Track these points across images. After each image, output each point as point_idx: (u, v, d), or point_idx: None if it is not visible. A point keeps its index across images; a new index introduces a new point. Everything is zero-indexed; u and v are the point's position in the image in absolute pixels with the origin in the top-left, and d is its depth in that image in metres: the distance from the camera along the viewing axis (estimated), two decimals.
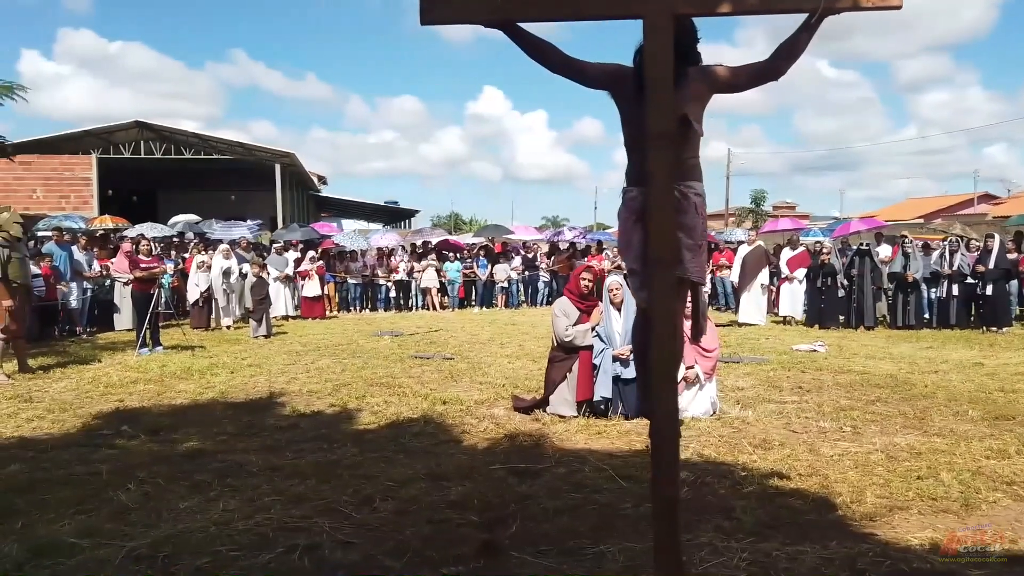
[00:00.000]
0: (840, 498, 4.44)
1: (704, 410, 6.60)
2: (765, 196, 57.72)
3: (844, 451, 5.46)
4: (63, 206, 27.51)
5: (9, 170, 27.64)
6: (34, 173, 27.90)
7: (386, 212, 48.73)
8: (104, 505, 4.37)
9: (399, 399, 7.36)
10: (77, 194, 28.27)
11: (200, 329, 14.22)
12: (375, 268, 18.91)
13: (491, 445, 5.74)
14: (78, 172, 28.27)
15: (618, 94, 3.14)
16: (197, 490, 4.65)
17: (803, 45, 2.97)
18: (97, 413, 6.93)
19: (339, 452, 5.51)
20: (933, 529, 3.95)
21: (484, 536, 3.84)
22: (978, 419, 6.39)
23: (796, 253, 14.70)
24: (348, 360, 10.10)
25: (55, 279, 12.42)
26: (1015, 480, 4.74)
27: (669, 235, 2.95)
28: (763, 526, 4.01)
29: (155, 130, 29.35)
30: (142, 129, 29.19)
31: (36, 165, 27.98)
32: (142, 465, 5.18)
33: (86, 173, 28.27)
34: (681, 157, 3.05)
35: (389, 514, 4.22)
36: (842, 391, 7.68)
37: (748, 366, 9.22)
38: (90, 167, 28.10)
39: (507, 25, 2.99)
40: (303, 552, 3.67)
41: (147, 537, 3.85)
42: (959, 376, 8.48)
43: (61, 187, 28.08)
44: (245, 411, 6.96)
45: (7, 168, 27.64)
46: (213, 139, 30.04)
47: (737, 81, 3.08)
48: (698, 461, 5.25)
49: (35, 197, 27.83)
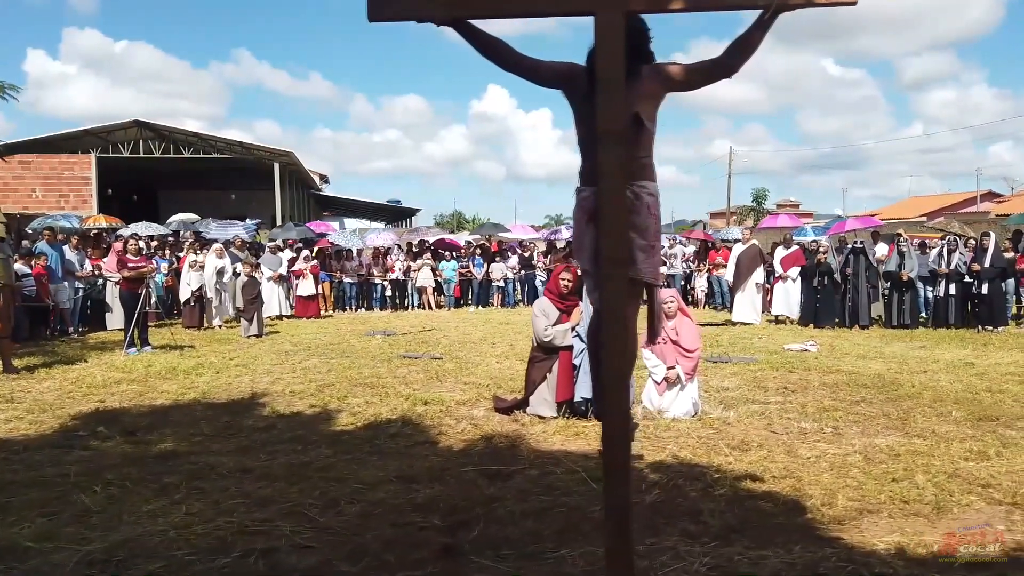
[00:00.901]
0: (811, 501, 4.39)
1: (685, 411, 6.54)
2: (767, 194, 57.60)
3: (822, 453, 5.40)
4: (62, 205, 27.57)
5: (8, 169, 27.77)
6: (33, 172, 27.97)
7: (388, 211, 48.73)
8: (67, 508, 4.34)
9: (380, 400, 7.32)
10: (76, 193, 28.31)
11: (192, 328, 14.22)
12: (371, 267, 18.88)
13: (466, 446, 5.70)
14: (77, 171, 28.32)
15: (571, 93, 3.10)
16: (164, 492, 4.61)
17: (756, 42, 2.92)
18: (76, 414, 6.90)
19: (312, 454, 5.47)
20: (901, 533, 3.90)
21: (444, 540, 3.79)
22: (961, 420, 6.33)
23: (790, 252, 14.62)
24: (336, 360, 10.07)
25: (48, 279, 12.42)
26: (991, 483, 4.68)
27: (621, 235, 2.91)
28: (729, 530, 3.96)
29: (154, 129, 29.38)
30: (141, 128, 29.23)
31: (35, 164, 28.05)
32: (112, 467, 5.15)
33: (85, 172, 28.32)
34: (633, 156, 3.01)
35: (353, 517, 4.17)
36: (828, 391, 7.62)
37: (736, 366, 9.16)
38: (89, 166, 28.15)
39: (458, 23, 2.94)
40: (259, 556, 3.63)
41: (105, 541, 3.81)
42: (948, 376, 8.41)
43: (60, 186, 28.13)
44: (225, 412, 6.93)
45: (6, 167, 27.75)
46: (212, 138, 30.08)
47: (690, 79, 3.03)
48: (672, 463, 5.20)
49: (34, 196, 27.90)
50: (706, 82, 3.06)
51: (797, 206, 69.18)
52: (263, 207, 31.91)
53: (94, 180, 28.00)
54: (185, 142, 29.82)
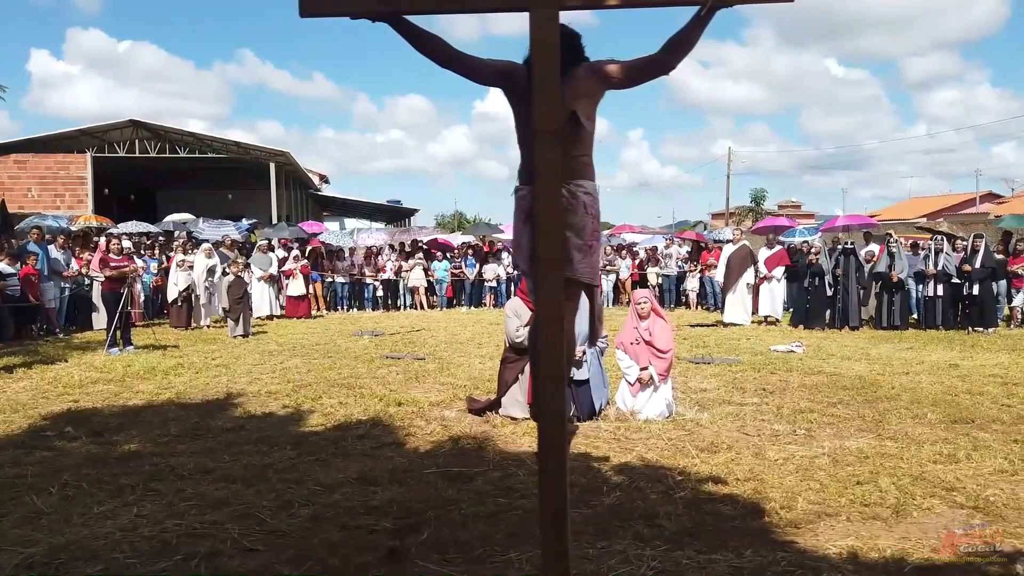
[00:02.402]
0: (771, 504, 4.33)
1: (659, 412, 6.48)
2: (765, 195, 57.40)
3: (790, 455, 5.35)
4: (58, 205, 27.56)
5: (4, 169, 27.85)
6: (29, 172, 27.94)
7: (386, 211, 48.68)
8: (18, 509, 4.30)
9: (355, 400, 7.27)
10: (72, 193, 28.28)
11: (180, 328, 14.19)
12: (362, 267, 18.84)
13: (433, 448, 5.65)
14: (73, 171, 28.29)
15: (510, 92, 3.06)
16: (118, 494, 4.57)
17: (694, 39, 2.88)
18: (48, 414, 6.86)
19: (275, 455, 5.42)
20: (856, 537, 3.84)
21: (391, 543, 3.74)
22: (936, 422, 6.27)
23: (773, 252, 14.56)
24: (318, 360, 10.03)
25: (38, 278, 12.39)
26: (956, 486, 4.62)
27: (556, 234, 2.86)
28: (683, 533, 3.91)
29: (150, 129, 29.36)
30: (137, 128, 29.21)
31: (31, 164, 28.04)
32: (72, 467, 5.11)
33: (81, 172, 28.29)
34: (571, 155, 2.96)
35: (304, 520, 4.12)
36: (806, 393, 7.55)
37: (717, 367, 9.10)
38: (85, 166, 28.11)
39: (393, 18, 2.89)
40: (202, 559, 3.58)
41: (49, 543, 3.76)
42: (929, 378, 8.35)
43: (56, 186, 28.10)
44: (196, 412, 6.88)
45: (2, 167, 27.86)
46: (209, 138, 30.07)
47: (628, 76, 2.99)
48: (637, 465, 5.15)
49: (30, 196, 27.87)
50: (644, 79, 3.02)
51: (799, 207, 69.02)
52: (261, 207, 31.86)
53: (90, 180, 27.97)
54: (181, 142, 29.80)
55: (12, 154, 27.92)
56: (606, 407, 6.64)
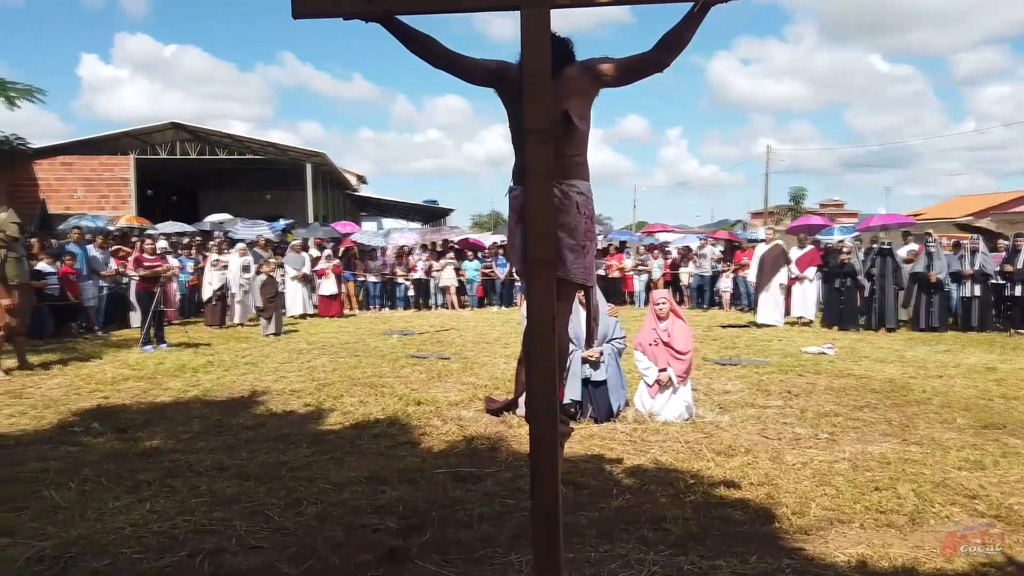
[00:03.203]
0: (783, 509, 4.25)
1: (678, 414, 6.40)
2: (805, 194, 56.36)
3: (809, 459, 5.24)
4: (102, 206, 28.24)
5: (52, 171, 28.65)
6: (75, 173, 28.67)
7: (422, 211, 48.95)
8: (37, 503, 4.41)
9: (375, 399, 7.31)
10: (116, 194, 28.96)
11: (215, 327, 14.43)
12: (394, 267, 18.96)
13: (447, 448, 5.65)
14: (117, 172, 28.96)
15: (503, 92, 3.05)
16: (134, 490, 4.65)
17: (688, 36, 2.84)
18: (78, 410, 7.02)
19: (291, 453, 5.48)
20: (868, 545, 3.74)
21: (392, 543, 3.75)
22: (965, 427, 6.09)
23: (805, 251, 14.29)
24: (344, 359, 10.11)
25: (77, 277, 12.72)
26: (979, 494, 4.48)
27: (548, 235, 2.83)
28: (689, 538, 3.85)
29: (191, 131, 29.91)
30: (178, 130, 29.79)
31: (77, 165, 28.77)
32: (94, 463, 5.22)
33: (124, 173, 28.95)
34: (564, 155, 2.94)
35: (310, 518, 4.16)
36: (832, 396, 7.39)
37: (743, 369, 8.96)
38: (128, 167, 28.77)
39: (385, 19, 2.90)
40: (206, 556, 3.63)
41: (61, 537, 3.85)
42: (964, 381, 8.11)
43: (100, 187, 28.80)
44: (219, 410, 6.98)
45: (50, 169, 28.67)
46: (246, 139, 30.54)
47: (621, 74, 2.96)
48: (650, 467, 5.09)
49: (76, 197, 28.62)
50: (637, 77, 2.98)
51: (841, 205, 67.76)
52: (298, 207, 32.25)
53: (133, 181, 28.61)
54: (220, 143, 30.31)
55: (59, 156, 28.69)
56: (624, 409, 6.58)
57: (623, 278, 19.37)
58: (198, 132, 30.08)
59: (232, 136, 30.21)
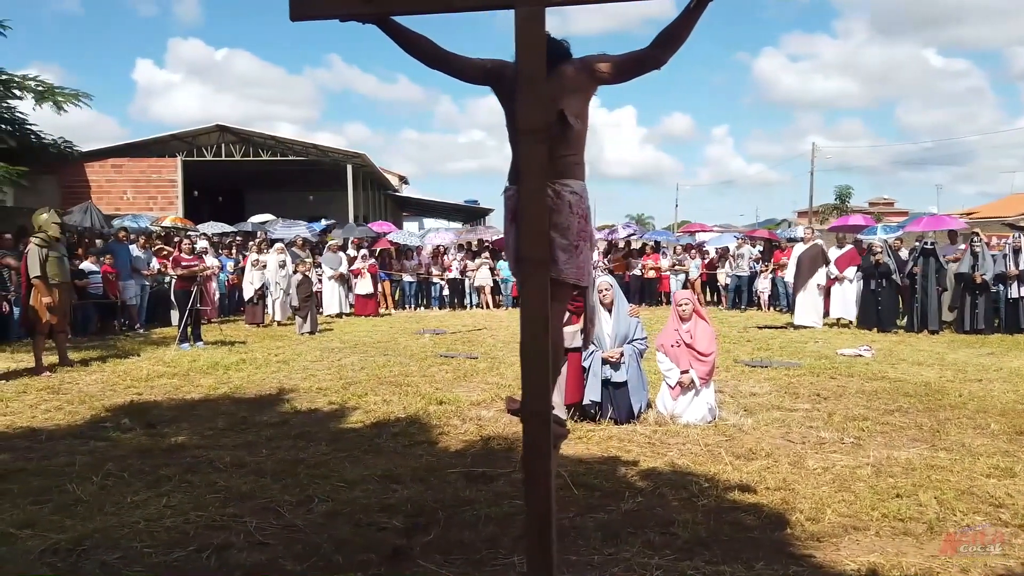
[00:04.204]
0: (797, 515, 4.16)
1: (700, 416, 6.32)
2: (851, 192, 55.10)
3: (831, 464, 5.12)
4: (151, 207, 28.97)
5: (103, 173, 29.52)
6: (124, 175, 29.48)
7: (463, 211, 49.16)
8: (60, 496, 4.53)
9: (399, 398, 7.36)
10: (163, 195, 29.69)
11: (255, 325, 14.70)
12: (429, 266, 19.07)
13: (463, 447, 5.66)
14: (164, 174, 29.69)
15: (500, 91, 3.03)
16: (154, 485, 4.76)
17: (686, 32, 2.79)
18: (111, 405, 7.20)
19: (310, 451, 5.54)
20: (881, 553, 3.64)
21: (396, 542, 3.77)
22: (999, 433, 5.89)
23: (844, 251, 13.97)
24: (374, 358, 10.20)
25: (116, 276, 13.07)
26: (1004, 502, 4.33)
27: (540, 235, 2.81)
28: (696, 543, 3.79)
29: (235, 133, 30.49)
30: (223, 132, 30.39)
31: (127, 168, 29.57)
32: (119, 458, 5.35)
33: (172, 175, 29.66)
34: (558, 154, 2.91)
35: (319, 516, 4.20)
36: (863, 399, 7.22)
37: (774, 371, 8.80)
38: (175, 169, 29.47)
39: (380, 19, 2.91)
40: (214, 552, 3.69)
41: (77, 530, 3.95)
42: (1003, 386, 7.85)
43: (149, 189, 29.55)
44: (246, 407, 7.10)
45: (100, 171, 29.54)
46: (289, 141, 31.02)
47: (618, 71, 2.92)
48: (665, 470, 5.03)
49: (125, 198, 29.43)
50: (635, 75, 2.94)
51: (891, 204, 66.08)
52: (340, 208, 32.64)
53: (180, 182, 29.31)
54: (264, 145, 30.82)
55: (110, 159, 29.52)
56: (646, 410, 6.51)
57: (659, 278, 19.18)
58: (242, 134, 30.64)
59: (275, 138, 30.70)
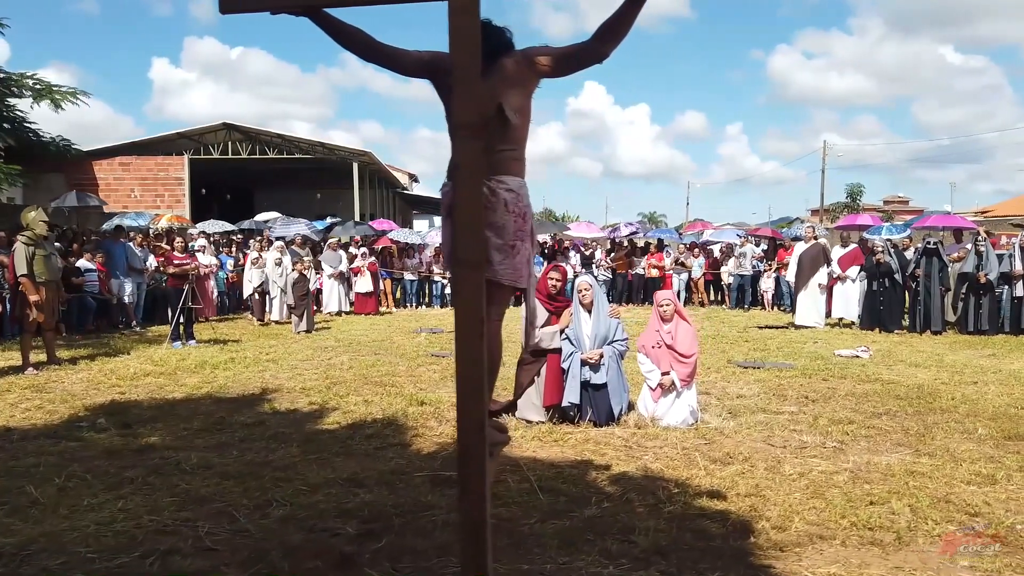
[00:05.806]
0: (763, 523, 4.04)
1: (681, 419, 6.19)
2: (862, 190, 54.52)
3: (808, 469, 4.99)
4: (158, 204, 29.09)
5: (111, 171, 29.66)
6: (132, 173, 29.60)
7: None
8: (16, 499, 4.46)
9: (380, 399, 7.28)
10: (171, 193, 29.80)
11: (258, 321, 14.70)
12: (431, 264, 19.00)
13: (436, 450, 5.57)
14: (172, 172, 29.79)
15: (438, 84, 2.93)
16: (115, 487, 4.68)
17: (628, 24, 2.69)
18: (91, 405, 7.16)
19: (279, 452, 5.47)
20: (844, 564, 3.52)
21: (346, 549, 3.68)
22: (985, 438, 5.74)
23: (847, 251, 13.78)
24: (363, 357, 10.13)
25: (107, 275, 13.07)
26: (981, 511, 4.19)
27: (473, 233, 2.71)
28: (655, 551, 3.68)
29: (242, 131, 30.55)
30: (229, 130, 30.45)
31: (134, 166, 29.69)
32: (86, 459, 5.29)
33: (179, 173, 29.76)
34: (495, 149, 2.81)
35: (273, 521, 4.12)
36: (852, 402, 7.07)
37: (764, 372, 8.65)
38: (182, 167, 29.56)
39: (313, 12, 2.82)
40: (158, 558, 3.61)
41: (26, 534, 3.89)
42: (999, 389, 7.68)
43: (156, 186, 29.66)
44: (226, 407, 7.04)
45: (109, 169, 29.68)
46: (295, 139, 31.05)
47: (560, 65, 2.83)
48: (636, 475, 4.91)
49: (133, 196, 29.55)
50: (577, 68, 2.85)
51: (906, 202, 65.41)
52: (347, 206, 32.65)
53: (187, 180, 29.39)
54: (271, 143, 30.87)
55: (118, 157, 29.65)
56: (626, 412, 6.39)
57: (662, 277, 19.01)
58: (249, 132, 30.70)
59: (282, 136, 30.74)
